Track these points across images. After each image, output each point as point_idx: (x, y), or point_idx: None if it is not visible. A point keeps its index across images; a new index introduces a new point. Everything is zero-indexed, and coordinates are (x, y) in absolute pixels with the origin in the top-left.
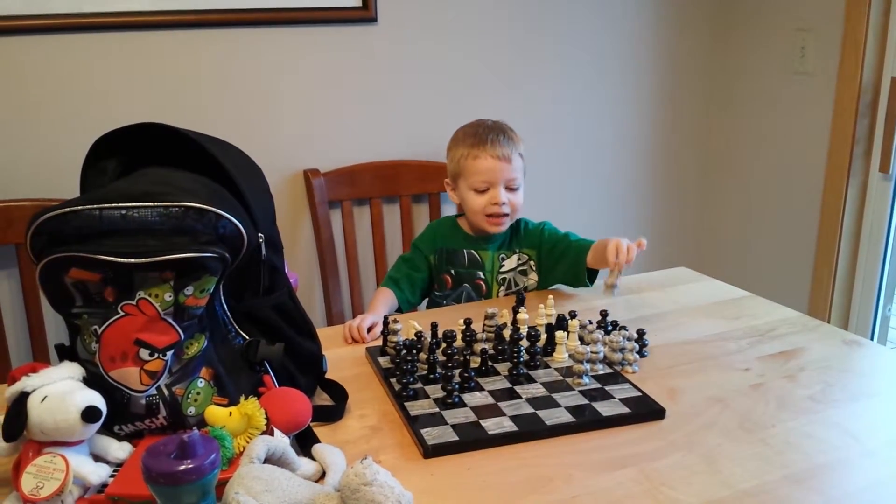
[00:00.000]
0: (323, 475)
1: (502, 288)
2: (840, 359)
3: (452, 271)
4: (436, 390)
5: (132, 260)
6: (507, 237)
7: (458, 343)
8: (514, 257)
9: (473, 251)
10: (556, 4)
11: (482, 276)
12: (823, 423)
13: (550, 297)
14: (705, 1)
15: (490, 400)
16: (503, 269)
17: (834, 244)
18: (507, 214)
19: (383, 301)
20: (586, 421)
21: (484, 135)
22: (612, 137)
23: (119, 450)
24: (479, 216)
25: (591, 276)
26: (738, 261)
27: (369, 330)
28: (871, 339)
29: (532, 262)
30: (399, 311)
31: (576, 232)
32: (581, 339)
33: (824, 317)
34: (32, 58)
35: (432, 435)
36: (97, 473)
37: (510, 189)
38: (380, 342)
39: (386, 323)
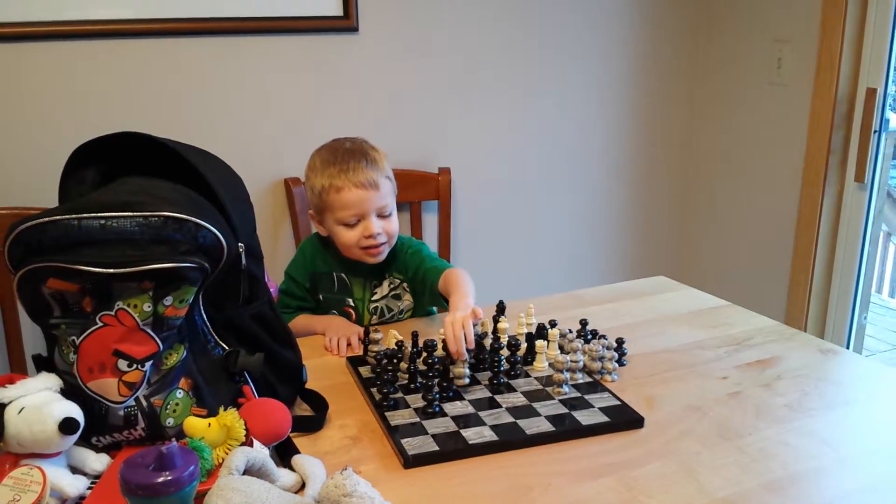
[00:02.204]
0: (303, 486)
1: (374, 317)
2: (816, 367)
3: (320, 296)
4: (416, 400)
5: (111, 270)
6: (380, 263)
7: (439, 352)
8: (385, 283)
9: (343, 276)
10: (537, 16)
11: (351, 304)
12: (800, 432)
13: (531, 306)
14: (684, 12)
15: (470, 409)
16: (374, 298)
17: (810, 253)
18: (383, 243)
19: (322, 318)
20: (566, 430)
21: (344, 162)
22: (591, 147)
23: (97, 461)
24: (353, 250)
25: None
26: (716, 270)
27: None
28: (847, 347)
29: (405, 285)
30: None
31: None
32: (561, 349)
33: (801, 325)
34: (12, 65)
35: (413, 445)
36: (75, 486)
37: (382, 216)
38: (360, 351)
39: (367, 333)
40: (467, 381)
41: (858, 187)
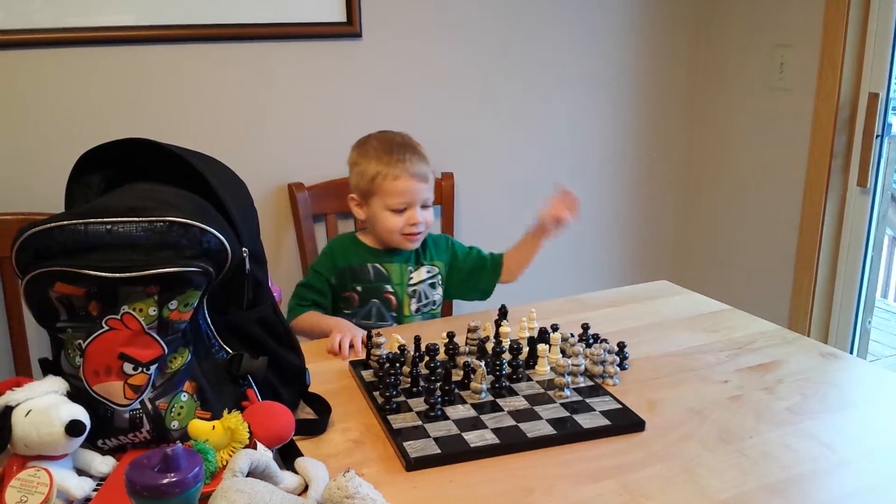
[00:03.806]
0: (306, 489)
1: (413, 300)
2: (817, 371)
3: (358, 288)
4: (418, 403)
5: (117, 274)
6: (414, 251)
7: (441, 356)
8: (423, 269)
9: (378, 265)
10: (539, 22)
11: (390, 290)
12: (800, 435)
13: (533, 310)
14: (686, 17)
15: (472, 412)
16: (412, 282)
17: (813, 257)
18: (422, 232)
19: (330, 318)
20: (567, 433)
21: (400, 153)
22: (593, 151)
23: (102, 464)
24: (394, 235)
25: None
26: (719, 274)
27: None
28: (851, 352)
29: (440, 278)
30: None
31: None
32: (563, 352)
33: (804, 330)
34: (17, 72)
35: (415, 448)
36: (81, 487)
37: (424, 207)
38: (363, 355)
39: (370, 336)
40: (483, 395)
41: (861, 192)
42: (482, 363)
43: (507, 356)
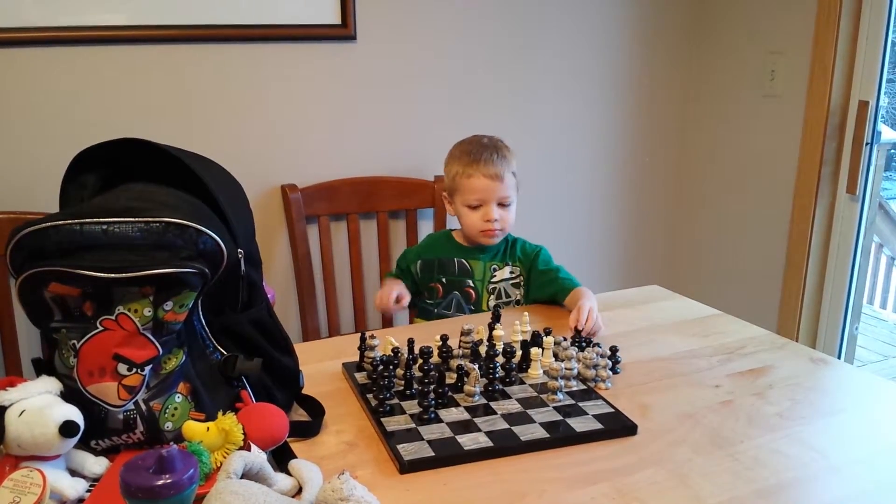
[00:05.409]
0: (300, 490)
1: (492, 297)
2: (807, 376)
3: (443, 279)
4: (412, 406)
5: (112, 275)
6: (501, 250)
7: (435, 359)
8: (507, 269)
9: (464, 260)
10: (533, 26)
11: (471, 284)
12: (791, 440)
13: (526, 313)
14: (678, 23)
15: (466, 415)
16: (494, 279)
17: (802, 264)
18: (498, 229)
19: (397, 281)
20: (560, 436)
21: (478, 154)
22: (585, 156)
23: (96, 464)
24: (473, 230)
25: None
26: (709, 279)
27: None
28: (839, 357)
29: (522, 278)
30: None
31: (549, 251)
32: (555, 356)
33: (793, 335)
34: (10, 71)
35: (408, 450)
36: (74, 488)
37: (502, 206)
38: (373, 352)
39: (363, 339)
40: (477, 398)
41: (850, 199)
42: (476, 366)
43: (500, 359)
